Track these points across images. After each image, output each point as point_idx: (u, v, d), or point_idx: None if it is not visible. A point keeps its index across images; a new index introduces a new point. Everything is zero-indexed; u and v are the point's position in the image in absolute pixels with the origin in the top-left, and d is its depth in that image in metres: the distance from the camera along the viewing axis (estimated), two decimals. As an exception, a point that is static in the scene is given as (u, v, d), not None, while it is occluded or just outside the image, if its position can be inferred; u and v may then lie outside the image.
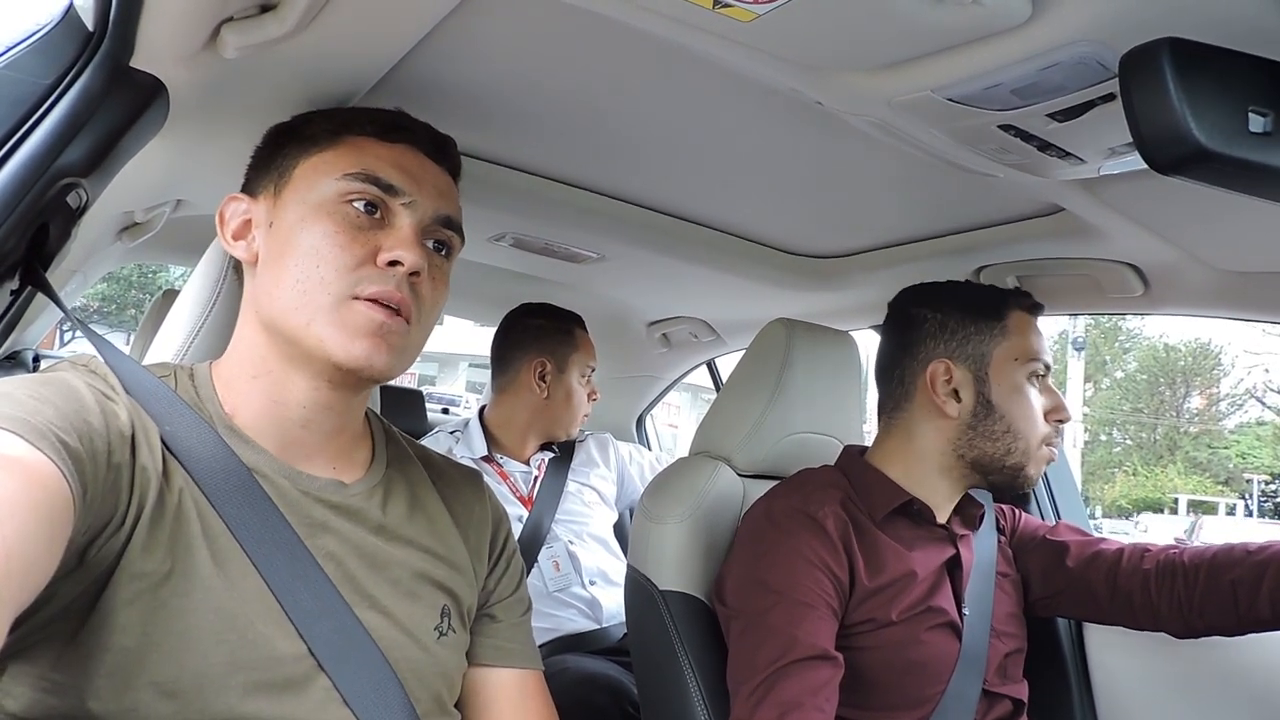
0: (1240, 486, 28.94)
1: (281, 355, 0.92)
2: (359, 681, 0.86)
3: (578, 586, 2.08)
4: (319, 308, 0.88)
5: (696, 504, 1.52)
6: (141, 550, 0.77)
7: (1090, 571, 1.44)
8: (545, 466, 2.26)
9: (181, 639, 0.77)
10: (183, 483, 0.82)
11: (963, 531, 1.45)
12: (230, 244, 0.99)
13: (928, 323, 1.42)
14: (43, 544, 0.62)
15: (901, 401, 1.44)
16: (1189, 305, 1.57)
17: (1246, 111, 0.70)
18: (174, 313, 1.21)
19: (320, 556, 0.88)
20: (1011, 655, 1.44)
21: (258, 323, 0.94)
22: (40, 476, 0.65)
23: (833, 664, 1.23)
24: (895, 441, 1.45)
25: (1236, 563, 1.31)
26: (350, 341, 0.88)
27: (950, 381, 1.38)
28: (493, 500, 1.15)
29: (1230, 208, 1.15)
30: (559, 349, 2.30)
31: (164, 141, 1.15)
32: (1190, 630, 1.36)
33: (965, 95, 0.92)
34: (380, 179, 0.93)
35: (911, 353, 1.43)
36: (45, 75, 0.95)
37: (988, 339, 1.38)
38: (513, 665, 1.08)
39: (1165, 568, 1.38)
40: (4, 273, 0.93)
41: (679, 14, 0.85)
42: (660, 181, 1.61)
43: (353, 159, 0.94)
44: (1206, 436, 31.33)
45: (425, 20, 1.00)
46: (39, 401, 0.71)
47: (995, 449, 1.36)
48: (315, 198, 0.92)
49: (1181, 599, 1.34)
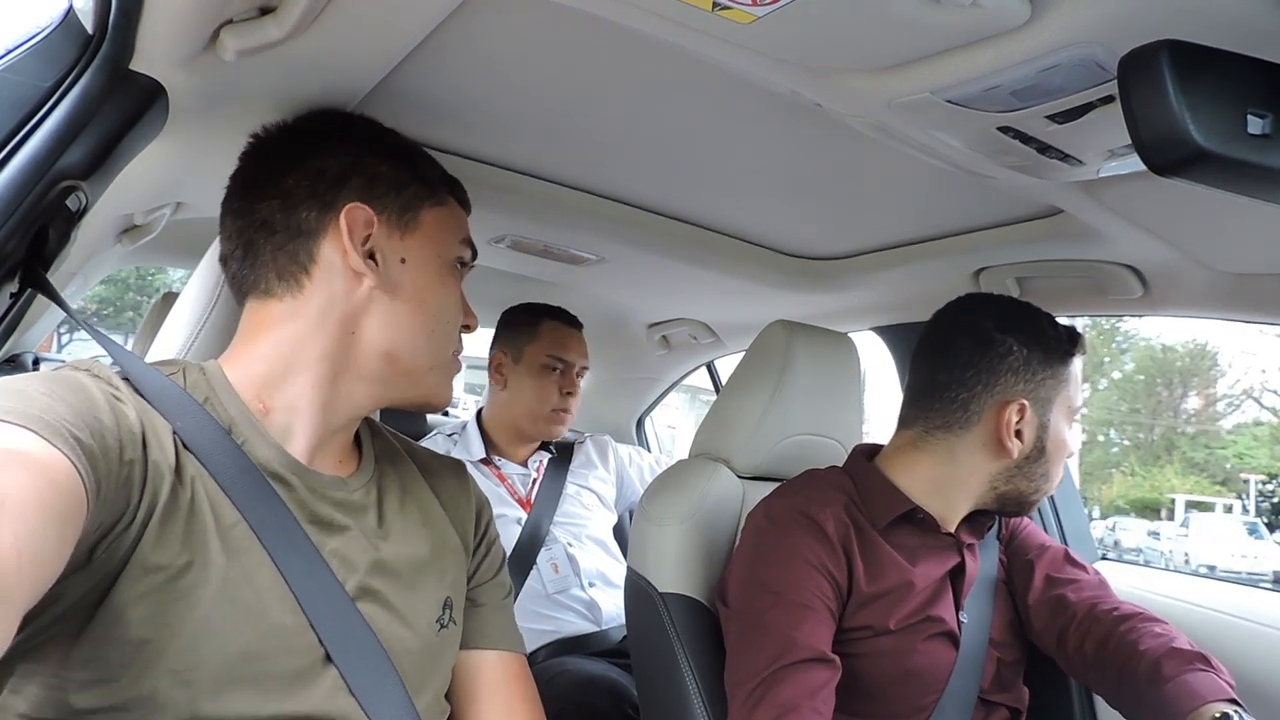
0: (1238, 487, 29.12)
1: (372, 374, 0.98)
2: (363, 673, 0.88)
3: (577, 588, 2.08)
4: (435, 355, 1.02)
5: (696, 506, 1.52)
6: (154, 545, 0.78)
7: (1043, 613, 1.45)
8: (544, 468, 2.26)
9: (199, 628, 0.79)
10: (195, 475, 0.83)
11: (970, 540, 1.43)
12: (354, 250, 0.95)
13: (1012, 356, 1.34)
14: (53, 542, 0.63)
15: (954, 425, 1.37)
16: (1188, 307, 1.57)
17: (1245, 113, 0.70)
18: (174, 314, 1.21)
19: (326, 552, 0.90)
20: (1010, 665, 1.44)
21: (353, 337, 0.97)
22: (54, 473, 0.65)
23: (830, 666, 1.23)
24: (927, 457, 1.39)
25: (1123, 646, 1.32)
26: (448, 386, 1.06)
27: (1019, 422, 1.33)
28: (476, 488, 1.18)
29: (1229, 209, 1.15)
30: (516, 340, 2.28)
31: (164, 144, 1.14)
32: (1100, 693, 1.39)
33: (964, 97, 0.92)
34: (469, 251, 1.08)
35: (987, 381, 1.34)
36: (45, 78, 0.95)
37: (1056, 386, 1.35)
38: (495, 648, 1.10)
39: (1101, 646, 1.36)
40: (3, 275, 0.93)
41: (678, 16, 0.85)
42: (660, 183, 1.61)
43: (458, 224, 1.08)
44: (1204, 437, 31.47)
45: (425, 22, 1.00)
46: (52, 399, 0.72)
47: (1029, 487, 1.37)
48: (446, 257, 1.04)
49: (1104, 680, 1.35)
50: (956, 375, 1.37)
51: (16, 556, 0.57)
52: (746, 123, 1.26)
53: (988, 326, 1.36)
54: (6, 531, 0.57)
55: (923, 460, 1.40)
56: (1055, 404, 1.36)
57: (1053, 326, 1.38)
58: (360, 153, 1.00)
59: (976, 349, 1.36)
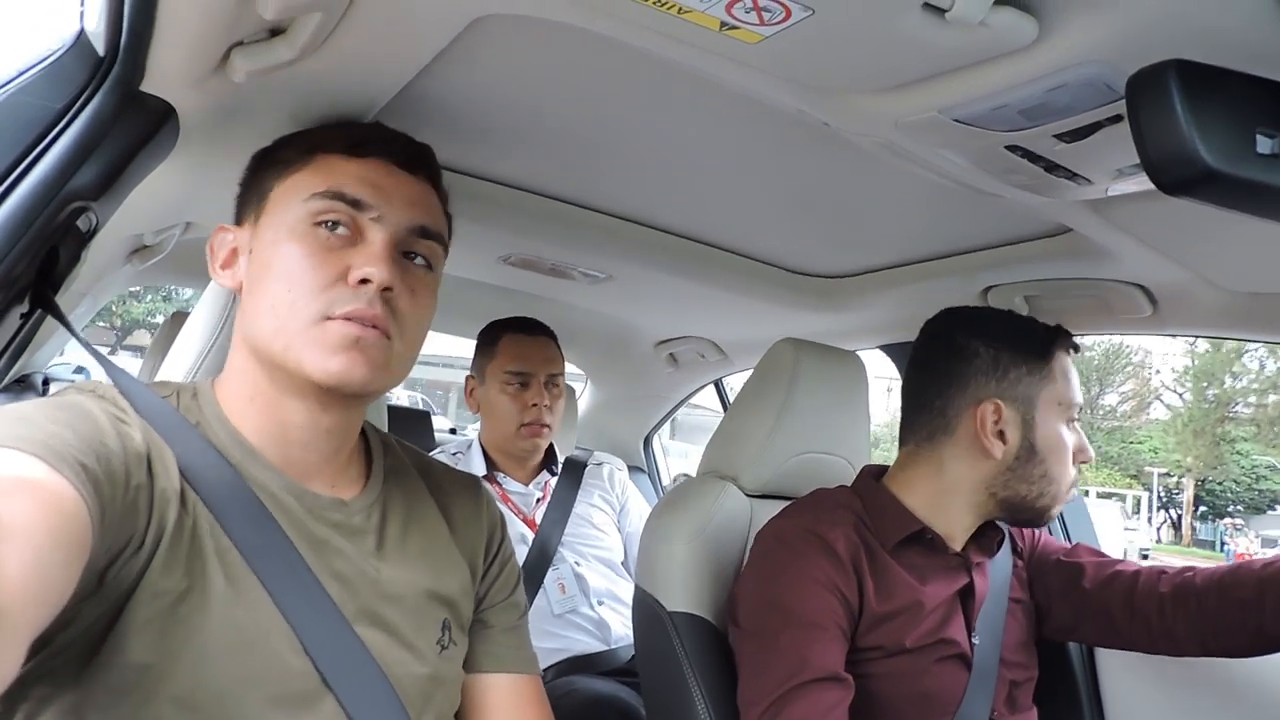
0: (1147, 479, 30.03)
1: (270, 381, 0.92)
2: (363, 700, 0.87)
3: (585, 607, 2.07)
4: (295, 331, 0.88)
5: (704, 524, 1.51)
6: (162, 569, 0.78)
7: (1107, 594, 1.42)
8: (550, 489, 2.25)
9: (200, 654, 0.78)
10: (195, 501, 0.83)
11: (979, 559, 1.42)
12: (218, 274, 1.00)
13: (979, 357, 1.36)
14: (59, 568, 0.62)
15: (938, 434, 1.39)
16: (1198, 326, 1.57)
17: (1254, 133, 0.70)
18: (184, 334, 1.21)
19: (324, 576, 0.89)
20: (1021, 685, 1.42)
21: (246, 349, 0.94)
22: (59, 500, 0.65)
23: (844, 686, 1.22)
24: (922, 470, 1.41)
25: (1243, 582, 1.29)
26: (327, 359, 0.88)
27: (999, 422, 1.34)
28: (490, 505, 1.15)
29: (1238, 228, 1.14)
30: (480, 361, 2.26)
31: (174, 164, 1.15)
32: (1207, 652, 1.34)
33: (972, 116, 0.92)
34: (346, 195, 0.93)
35: (959, 386, 1.37)
36: (56, 99, 0.96)
37: (1036, 381, 1.35)
38: (507, 671, 1.08)
39: (1180, 590, 1.35)
40: (14, 296, 0.93)
41: (686, 37, 0.85)
42: (668, 202, 1.61)
43: (320, 178, 0.94)
44: (1120, 432, 32.37)
45: (434, 43, 1.00)
46: (57, 425, 0.72)
47: (1029, 491, 1.34)
48: (288, 221, 0.93)
49: (1196, 622, 1.32)
50: (932, 384, 1.41)
51: (23, 583, 0.57)
52: (755, 141, 1.26)
53: (956, 334, 1.40)
54: (13, 559, 0.56)
55: (919, 475, 1.41)
56: (1039, 401, 1.34)
57: (1027, 325, 1.40)
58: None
59: (947, 356, 1.40)
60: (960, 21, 0.74)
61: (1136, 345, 32.27)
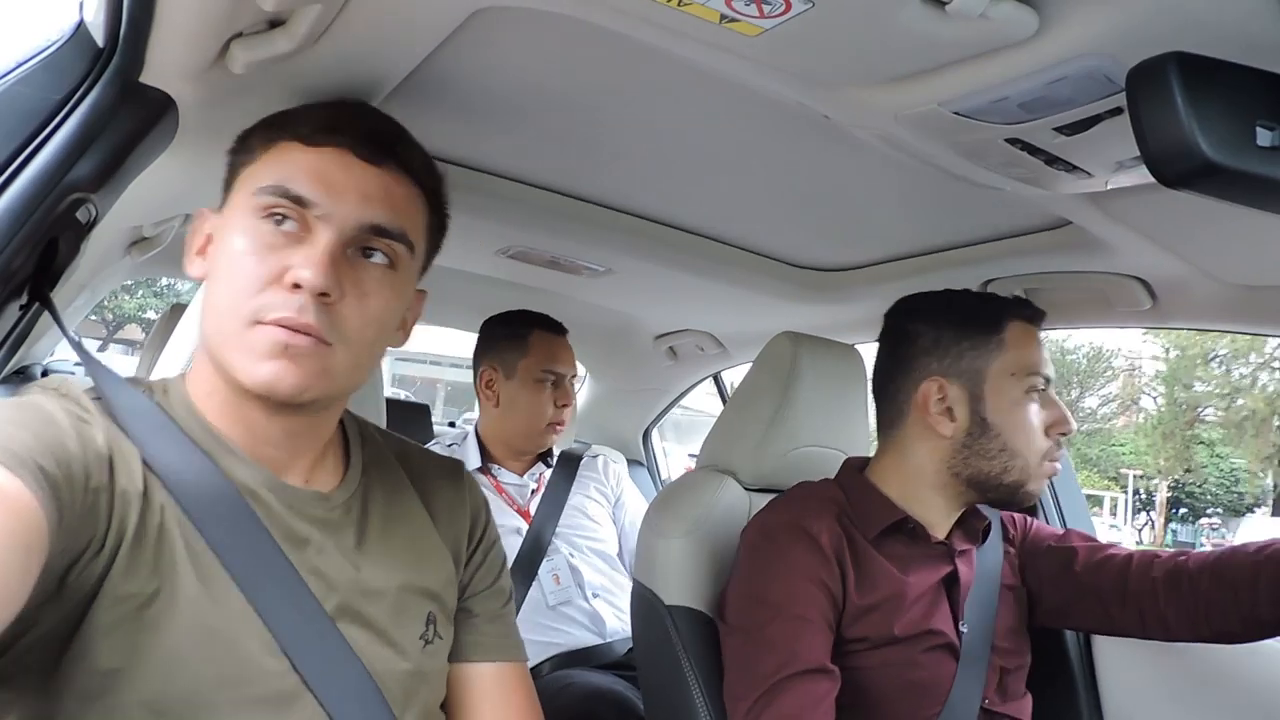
0: (1125, 481, 30.76)
1: (224, 380, 0.88)
2: (344, 699, 0.85)
3: (580, 599, 2.07)
4: (228, 333, 0.84)
5: (702, 518, 1.51)
6: (124, 573, 0.77)
7: (1099, 579, 1.41)
8: (544, 480, 2.25)
9: (170, 657, 0.77)
10: (164, 502, 0.81)
11: (964, 547, 1.42)
12: (192, 260, 0.95)
13: (921, 338, 1.38)
14: (16, 572, 0.62)
15: (895, 419, 1.42)
16: (1197, 319, 1.57)
17: (1254, 125, 0.70)
18: (181, 327, 1.21)
19: (305, 572, 0.87)
20: (1013, 672, 1.42)
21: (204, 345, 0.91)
22: (14, 503, 0.64)
23: (831, 677, 1.23)
24: (891, 459, 1.43)
25: (1237, 566, 1.28)
26: (254, 365, 0.83)
27: (944, 400, 1.34)
28: (473, 490, 1.13)
29: (1238, 221, 1.14)
30: (507, 355, 2.23)
31: (173, 156, 1.15)
32: (1199, 638, 1.34)
33: (972, 109, 0.92)
34: (291, 192, 0.86)
35: (904, 370, 1.39)
36: (55, 91, 0.96)
37: (984, 354, 1.34)
38: (491, 659, 1.06)
39: (1173, 575, 1.34)
40: (13, 289, 0.93)
41: (686, 29, 0.85)
42: (668, 195, 1.61)
43: (271, 170, 0.88)
44: (1100, 435, 32.96)
45: (433, 35, 1.00)
46: (15, 426, 0.71)
47: (991, 467, 1.33)
48: (240, 212, 0.88)
49: (1189, 606, 1.31)
50: (885, 372, 1.45)
51: None
52: (754, 134, 1.26)
53: (903, 320, 1.44)
54: None
55: (890, 464, 1.43)
56: (988, 374, 1.33)
57: (974, 300, 1.42)
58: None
59: (895, 343, 1.44)
60: (960, 14, 0.74)
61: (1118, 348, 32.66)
